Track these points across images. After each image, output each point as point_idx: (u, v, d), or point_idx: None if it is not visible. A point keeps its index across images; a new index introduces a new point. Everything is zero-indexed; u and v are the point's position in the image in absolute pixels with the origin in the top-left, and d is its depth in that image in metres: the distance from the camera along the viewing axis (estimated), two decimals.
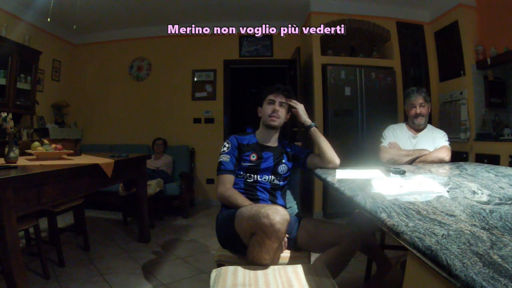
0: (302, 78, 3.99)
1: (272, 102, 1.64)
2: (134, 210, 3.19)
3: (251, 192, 1.57)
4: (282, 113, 1.65)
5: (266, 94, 1.69)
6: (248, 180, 1.59)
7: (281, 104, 1.65)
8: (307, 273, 1.12)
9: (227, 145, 1.61)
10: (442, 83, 3.88)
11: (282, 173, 1.65)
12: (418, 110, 2.03)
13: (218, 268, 1.16)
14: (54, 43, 4.30)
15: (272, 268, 1.16)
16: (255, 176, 1.59)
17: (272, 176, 1.61)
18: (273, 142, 1.69)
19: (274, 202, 1.58)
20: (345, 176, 1.40)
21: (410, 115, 2.09)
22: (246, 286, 1.03)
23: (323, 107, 3.70)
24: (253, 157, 1.61)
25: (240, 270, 1.14)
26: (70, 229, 2.90)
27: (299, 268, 1.16)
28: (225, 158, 1.57)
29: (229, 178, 1.55)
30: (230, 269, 1.14)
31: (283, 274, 1.11)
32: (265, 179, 1.60)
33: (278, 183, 1.63)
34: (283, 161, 1.66)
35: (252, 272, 1.13)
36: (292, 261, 1.40)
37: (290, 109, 1.73)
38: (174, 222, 3.55)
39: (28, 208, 1.60)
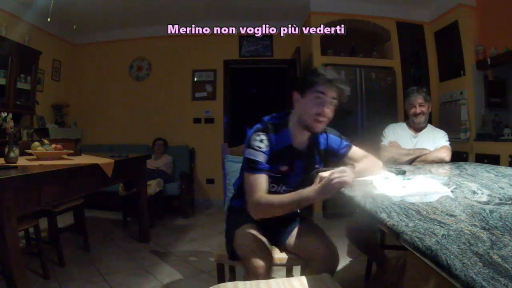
0: None
1: (322, 100, 1.22)
2: (134, 210, 3.19)
3: None
4: (330, 113, 1.25)
5: (315, 83, 1.22)
6: (270, 190, 1.31)
7: (331, 102, 1.24)
8: (315, 285, 1.04)
9: (266, 142, 1.24)
10: (442, 83, 3.88)
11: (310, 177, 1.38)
12: (418, 110, 2.03)
13: (216, 286, 1.04)
14: (54, 43, 4.30)
15: (275, 281, 1.07)
16: (280, 187, 1.36)
17: (299, 188, 1.31)
18: (306, 142, 1.36)
19: None
20: None
21: (409, 114, 2.10)
22: None
23: None
24: (283, 168, 1.32)
25: (240, 285, 1.03)
26: (70, 229, 2.90)
27: (304, 280, 1.06)
28: (261, 157, 1.22)
29: (265, 180, 1.24)
30: (228, 285, 1.04)
31: (288, 287, 1.03)
32: (288, 191, 1.31)
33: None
34: (316, 166, 1.39)
35: (254, 287, 1.03)
36: (290, 262, 1.38)
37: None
38: (174, 222, 3.55)
39: (28, 208, 1.61)
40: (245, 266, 1.21)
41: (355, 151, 1.42)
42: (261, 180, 1.21)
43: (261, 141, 1.24)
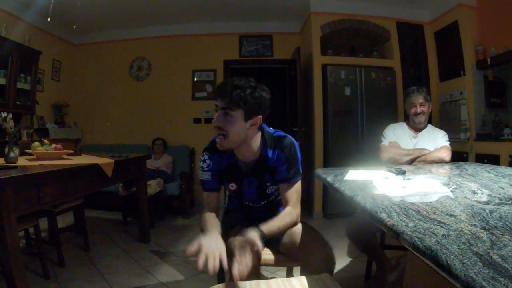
0: (302, 78, 3.99)
1: (217, 111, 1.18)
2: (134, 210, 3.19)
3: (249, 213, 1.45)
4: (229, 128, 1.15)
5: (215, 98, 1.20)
6: (243, 203, 1.43)
7: (225, 113, 1.14)
8: (315, 285, 1.04)
9: (208, 161, 1.31)
10: (442, 83, 3.88)
11: (271, 192, 1.37)
12: (419, 109, 2.03)
13: (216, 286, 1.05)
14: (54, 43, 4.30)
15: (275, 281, 1.07)
16: (246, 202, 1.41)
17: (264, 201, 1.39)
18: (254, 157, 1.28)
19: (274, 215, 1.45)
20: (356, 176, 1.38)
21: (410, 114, 2.09)
22: None
23: (323, 107, 3.70)
24: (232, 186, 1.35)
25: (240, 285, 1.03)
26: (70, 229, 2.90)
27: (304, 280, 1.07)
28: (205, 176, 1.31)
29: (211, 198, 1.33)
30: (229, 286, 1.04)
31: (288, 287, 1.04)
32: (257, 205, 1.40)
33: (272, 200, 1.42)
34: (268, 184, 1.33)
35: (254, 287, 1.03)
36: (277, 263, 1.35)
37: (256, 112, 1.17)
38: (174, 222, 3.55)
39: (28, 208, 1.61)
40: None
41: (289, 192, 1.27)
42: (208, 198, 1.33)
43: (204, 161, 1.31)
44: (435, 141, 2.03)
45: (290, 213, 1.25)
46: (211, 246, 0.99)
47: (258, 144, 1.26)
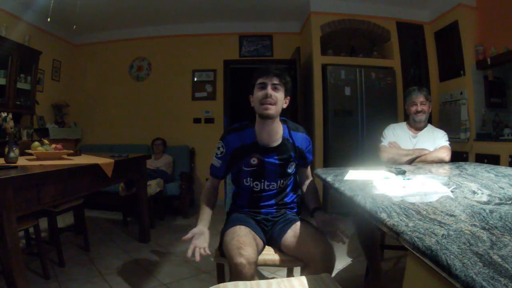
0: (302, 78, 3.99)
1: (264, 86, 1.37)
2: (134, 210, 3.19)
3: (256, 203, 1.49)
4: (278, 98, 1.37)
5: (256, 78, 1.41)
6: (255, 189, 1.47)
7: (275, 87, 1.37)
8: (315, 285, 1.04)
9: (221, 149, 1.45)
10: (442, 83, 3.88)
11: (291, 171, 1.48)
12: (419, 107, 2.04)
13: (216, 286, 1.04)
14: (54, 43, 4.30)
15: (276, 281, 1.08)
16: (261, 184, 1.46)
17: (281, 180, 1.47)
18: (276, 137, 1.43)
19: (281, 205, 1.51)
20: (356, 176, 1.38)
21: (410, 113, 2.10)
22: None
23: (323, 107, 3.70)
24: (254, 161, 1.43)
25: (241, 285, 1.03)
26: (70, 229, 2.91)
27: (304, 280, 1.07)
28: (216, 162, 1.48)
29: (214, 183, 1.53)
30: (229, 285, 1.04)
31: (288, 287, 1.04)
32: (272, 187, 1.47)
33: (286, 183, 1.50)
34: (291, 160, 1.46)
35: (254, 287, 1.03)
36: (285, 264, 1.37)
37: (288, 93, 1.44)
38: (174, 222, 3.55)
39: (28, 208, 1.60)
40: (229, 264, 1.24)
41: (308, 169, 1.59)
42: (210, 181, 1.54)
43: (218, 148, 1.47)
44: (435, 141, 2.03)
45: (314, 183, 1.58)
46: (200, 240, 1.27)
47: (281, 128, 1.46)
